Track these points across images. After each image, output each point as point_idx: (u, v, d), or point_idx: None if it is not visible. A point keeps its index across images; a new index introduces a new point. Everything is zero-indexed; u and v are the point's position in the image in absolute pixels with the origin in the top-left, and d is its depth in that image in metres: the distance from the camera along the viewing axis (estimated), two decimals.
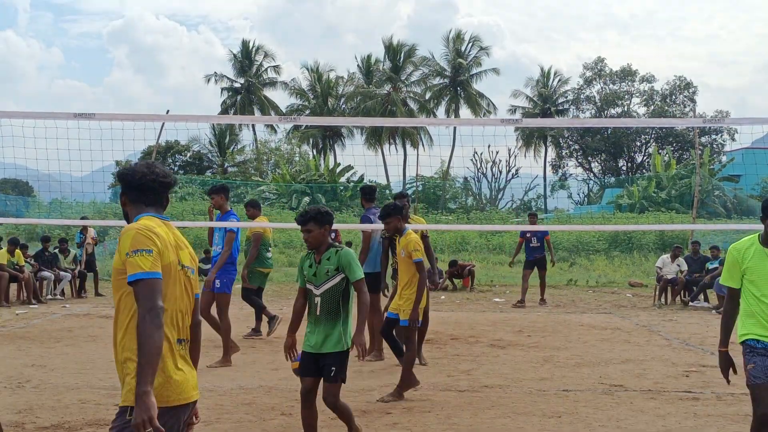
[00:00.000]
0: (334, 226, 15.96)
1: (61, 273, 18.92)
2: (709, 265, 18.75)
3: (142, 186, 3.77)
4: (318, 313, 6.24)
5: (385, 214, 8.74)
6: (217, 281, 10.28)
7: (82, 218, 22.18)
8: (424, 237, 10.38)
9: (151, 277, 3.50)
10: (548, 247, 18.36)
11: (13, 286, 17.92)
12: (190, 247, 3.93)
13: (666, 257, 19.25)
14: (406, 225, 9.01)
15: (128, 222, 3.79)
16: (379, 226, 9.69)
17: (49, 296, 18.49)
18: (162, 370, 3.55)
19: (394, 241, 9.67)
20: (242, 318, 14.10)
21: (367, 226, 10.74)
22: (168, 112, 19.56)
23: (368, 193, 11.27)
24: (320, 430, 7.10)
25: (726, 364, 5.43)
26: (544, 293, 18.31)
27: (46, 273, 18.50)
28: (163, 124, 22.01)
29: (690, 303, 18.42)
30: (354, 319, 6.35)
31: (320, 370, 6.24)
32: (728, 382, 5.52)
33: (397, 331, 8.95)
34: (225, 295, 10.43)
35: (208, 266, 24.09)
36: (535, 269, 18.17)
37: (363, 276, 6.28)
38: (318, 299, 6.25)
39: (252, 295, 12.50)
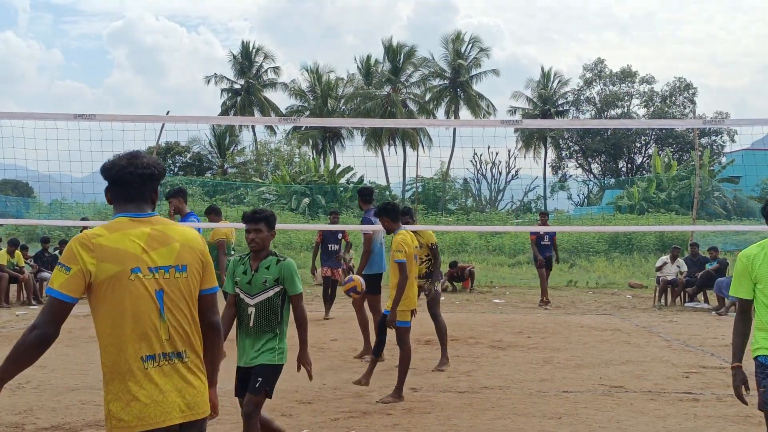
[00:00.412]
0: (340, 227, 15.85)
1: None
2: (708, 266, 18.76)
3: (122, 180, 3.44)
4: (250, 325, 5.73)
5: (375, 212, 9.01)
6: None
7: (83, 219, 22.19)
8: (433, 248, 10.47)
9: (54, 296, 3.24)
10: (554, 246, 18.45)
11: (13, 287, 17.94)
12: (189, 239, 3.53)
13: (666, 258, 19.25)
14: (405, 227, 9.02)
15: None
16: (380, 227, 9.71)
17: None
18: (121, 392, 3.28)
19: None
20: None
21: (368, 227, 10.74)
22: (168, 113, 19.58)
23: (366, 194, 11.28)
24: (320, 430, 7.11)
25: (740, 382, 4.85)
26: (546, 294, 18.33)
27: (46, 274, 18.51)
28: (163, 125, 22.00)
29: (686, 304, 18.45)
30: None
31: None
32: (745, 403, 4.94)
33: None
34: None
35: None
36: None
37: (302, 290, 5.89)
38: (252, 310, 5.73)
39: None
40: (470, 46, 63.45)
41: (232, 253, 12.98)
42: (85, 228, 20.50)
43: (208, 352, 3.59)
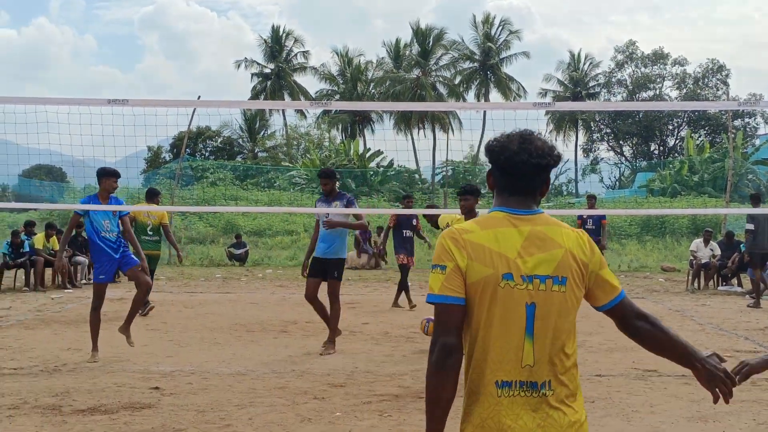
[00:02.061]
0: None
1: None
2: (743, 247, 18.59)
3: (511, 169, 2.88)
4: None
5: (461, 192, 9.09)
6: (132, 255, 9.73)
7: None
8: None
9: (437, 302, 2.77)
10: (602, 231, 18.07)
11: (48, 271, 18.17)
12: (576, 245, 2.86)
13: (699, 241, 19.11)
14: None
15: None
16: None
17: (84, 281, 18.69)
18: (473, 415, 2.78)
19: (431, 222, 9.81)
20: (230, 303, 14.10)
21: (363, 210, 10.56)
22: (199, 97, 19.66)
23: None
24: (353, 413, 7.13)
25: None
26: None
27: (80, 258, 18.71)
28: (195, 109, 22.18)
29: (720, 287, 18.33)
30: None
31: None
32: None
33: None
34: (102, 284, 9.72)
35: (240, 251, 24.27)
36: None
37: None
38: None
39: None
40: (500, 28, 63.13)
41: (149, 233, 13.20)
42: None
43: (683, 353, 3.02)
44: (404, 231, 14.50)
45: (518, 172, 2.86)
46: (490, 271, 2.74)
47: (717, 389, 3.06)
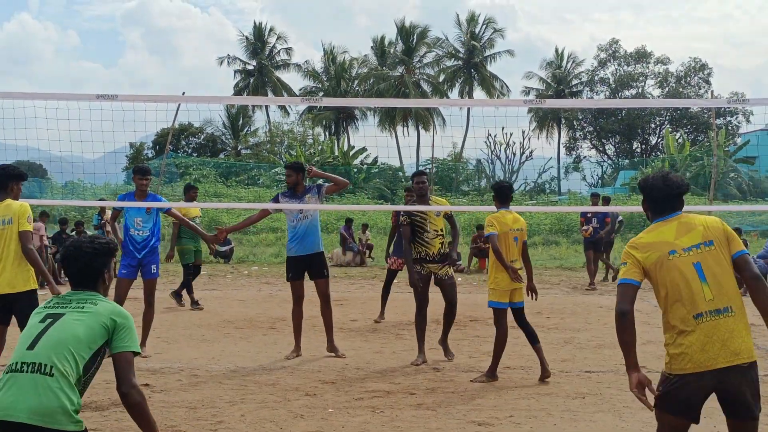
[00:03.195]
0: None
1: None
2: None
3: (653, 197, 4.46)
4: None
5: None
6: (154, 266, 9.74)
7: (100, 200, 22.31)
8: (449, 218, 10.02)
9: (620, 283, 4.32)
10: (609, 227, 18.69)
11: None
12: (709, 223, 4.33)
13: None
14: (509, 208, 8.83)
15: None
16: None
17: (65, 278, 18.56)
18: (676, 342, 4.19)
19: (416, 224, 9.52)
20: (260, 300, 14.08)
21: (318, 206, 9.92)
22: (184, 93, 19.57)
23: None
24: (346, 410, 7.12)
25: None
26: (595, 277, 18.38)
27: None
28: (179, 105, 22.05)
29: None
30: None
31: None
32: None
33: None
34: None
35: (224, 248, 24.17)
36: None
37: None
38: None
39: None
40: (484, 26, 63.20)
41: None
42: (102, 209, 20.57)
43: (758, 302, 4.20)
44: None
45: (657, 198, 4.45)
46: (661, 251, 4.24)
47: None
